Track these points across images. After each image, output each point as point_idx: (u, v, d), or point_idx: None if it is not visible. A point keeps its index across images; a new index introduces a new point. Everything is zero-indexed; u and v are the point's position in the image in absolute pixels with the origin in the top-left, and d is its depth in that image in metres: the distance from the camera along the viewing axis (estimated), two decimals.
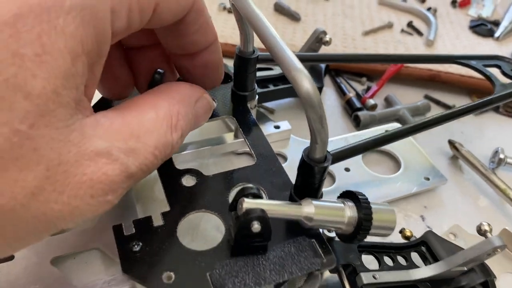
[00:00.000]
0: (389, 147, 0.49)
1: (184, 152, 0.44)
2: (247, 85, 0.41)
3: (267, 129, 0.47)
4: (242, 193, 0.29)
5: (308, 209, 0.30)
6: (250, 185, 0.30)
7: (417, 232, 0.41)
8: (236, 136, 0.46)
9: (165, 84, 0.29)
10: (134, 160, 0.23)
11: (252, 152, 0.37)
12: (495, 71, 0.47)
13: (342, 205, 0.31)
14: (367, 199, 0.31)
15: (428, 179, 0.46)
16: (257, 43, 0.37)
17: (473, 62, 0.46)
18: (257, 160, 0.37)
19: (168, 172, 0.35)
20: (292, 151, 0.47)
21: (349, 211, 0.31)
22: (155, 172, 0.44)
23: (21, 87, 0.18)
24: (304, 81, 0.27)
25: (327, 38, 0.49)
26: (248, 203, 0.28)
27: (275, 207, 0.29)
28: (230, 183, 0.35)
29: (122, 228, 0.31)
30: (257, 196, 0.29)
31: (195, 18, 0.28)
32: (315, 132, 0.29)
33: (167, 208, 0.33)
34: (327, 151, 0.31)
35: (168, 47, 0.31)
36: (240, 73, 0.40)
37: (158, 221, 0.32)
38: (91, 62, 0.21)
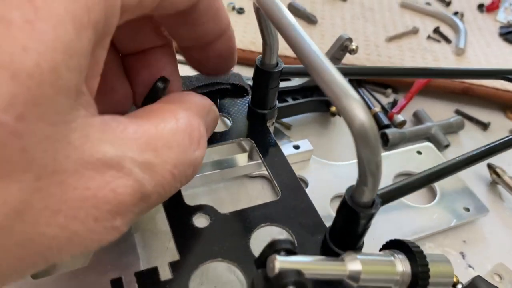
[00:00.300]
0: (422, 169, 0.43)
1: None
2: (267, 102, 0.35)
3: (285, 149, 0.42)
4: (273, 248, 0.23)
5: (353, 266, 0.24)
6: (283, 237, 0.24)
7: (459, 272, 0.36)
8: (250, 158, 0.40)
9: (176, 94, 0.25)
10: (150, 178, 0.18)
11: (275, 183, 0.32)
12: None
13: (392, 258, 0.25)
14: (420, 249, 0.26)
15: (467, 209, 0.41)
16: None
17: None
18: (281, 193, 0.31)
19: (176, 208, 0.29)
20: (313, 174, 0.42)
21: (401, 266, 0.25)
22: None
23: (6, 63, 0.13)
24: (359, 111, 0.21)
25: (353, 46, 0.44)
26: (282, 262, 0.22)
27: (314, 265, 0.24)
28: (251, 224, 0.29)
29: (122, 283, 0.25)
30: (291, 251, 0.23)
31: (209, 4, 0.24)
32: (367, 174, 0.23)
33: (175, 255, 0.27)
34: (377, 195, 0.25)
35: (178, 40, 0.27)
36: (260, 88, 0.35)
37: (166, 274, 0.26)
38: (97, 40, 0.16)
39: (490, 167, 0.44)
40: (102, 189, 0.16)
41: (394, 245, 0.27)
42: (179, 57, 0.32)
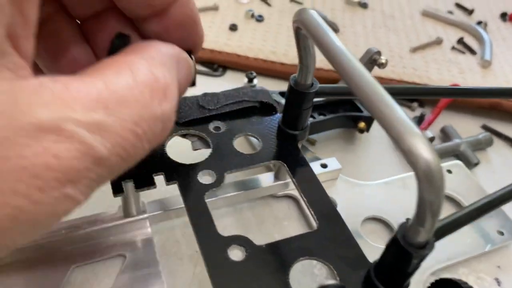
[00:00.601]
0: (452, 190, 0.42)
1: (215, 198, 0.36)
2: (299, 122, 0.34)
3: (312, 167, 0.40)
4: None
5: None
6: (333, 282, 0.22)
7: None
8: (276, 178, 0.39)
9: (137, 44, 0.22)
10: (102, 139, 0.16)
11: (312, 212, 0.30)
12: None
13: None
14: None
15: (502, 233, 0.39)
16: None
17: None
18: (319, 223, 0.29)
19: (210, 239, 0.28)
20: (341, 194, 0.40)
21: None
22: (181, 219, 0.37)
23: None
24: (424, 151, 0.20)
25: (382, 59, 0.42)
26: None
27: None
28: (289, 257, 0.27)
29: None
30: None
31: None
32: (426, 215, 0.21)
33: (207, 280, 0.26)
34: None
35: (127, 9, 0.24)
36: (292, 109, 0.33)
37: None
38: None
39: None
40: (41, 155, 0.14)
41: (444, 285, 0.25)
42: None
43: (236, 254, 0.27)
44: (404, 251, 0.23)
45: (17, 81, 0.15)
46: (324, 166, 0.40)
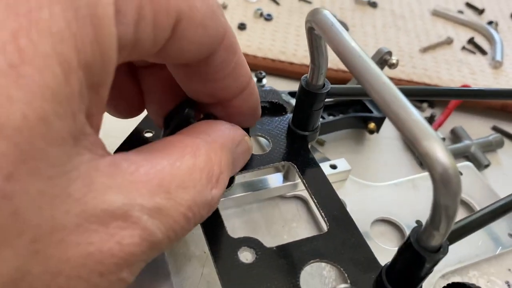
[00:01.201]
0: (463, 194, 0.41)
1: (224, 198, 0.36)
2: (310, 123, 0.33)
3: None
4: None
5: None
6: (345, 285, 0.22)
7: None
8: (286, 179, 0.38)
9: (203, 123, 0.23)
10: (160, 223, 0.17)
11: (322, 214, 0.30)
12: None
13: None
14: None
15: None
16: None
17: None
18: (329, 226, 0.29)
19: (220, 241, 0.27)
20: (351, 195, 0.40)
21: None
22: None
23: None
24: (442, 155, 0.19)
25: (393, 60, 0.42)
26: None
27: None
28: (299, 260, 0.27)
29: None
30: None
31: (226, 59, 0.22)
32: (442, 219, 0.21)
33: (215, 280, 0.25)
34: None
35: (192, 94, 0.24)
36: (303, 109, 0.33)
37: None
38: (93, 79, 0.15)
39: None
40: (107, 242, 0.15)
41: None
42: None
43: (246, 256, 0.27)
44: (417, 255, 0.23)
45: (93, 162, 0.15)
46: (333, 167, 0.40)
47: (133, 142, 0.32)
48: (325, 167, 0.40)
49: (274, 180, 0.39)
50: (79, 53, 0.14)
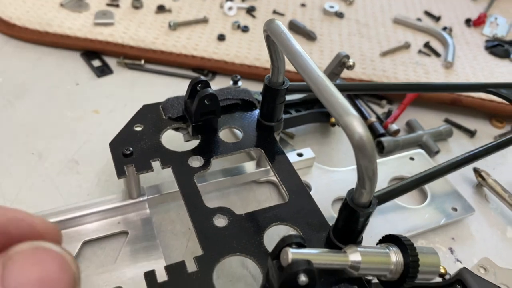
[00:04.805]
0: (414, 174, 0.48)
1: (204, 183, 0.42)
2: (274, 115, 0.40)
3: (290, 157, 0.45)
4: (286, 242, 0.27)
5: (354, 257, 0.28)
6: (294, 233, 0.28)
7: (447, 266, 0.40)
8: (258, 165, 0.45)
9: None
10: None
11: (283, 188, 0.36)
12: None
13: (387, 250, 0.30)
14: (411, 242, 0.30)
15: (455, 209, 0.45)
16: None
17: (503, 91, 0.45)
18: (289, 197, 0.35)
19: (199, 210, 0.33)
20: (315, 179, 0.46)
21: (395, 257, 0.29)
22: (176, 203, 0.42)
23: None
24: (358, 127, 0.25)
25: (350, 62, 0.48)
26: (294, 253, 0.26)
27: (321, 256, 0.28)
28: (264, 223, 0.33)
29: (155, 275, 0.29)
30: (301, 245, 0.28)
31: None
32: (365, 179, 0.27)
33: (196, 252, 0.31)
34: (374, 196, 0.29)
35: None
36: (268, 104, 0.39)
37: (192, 267, 0.30)
38: None
39: (476, 171, 0.49)
40: None
41: (389, 240, 0.31)
42: (162, 68, 0.36)
43: (220, 221, 0.33)
44: (352, 211, 0.29)
45: None
46: (300, 155, 0.46)
47: (125, 135, 0.38)
48: (293, 155, 0.46)
49: (249, 167, 0.45)
50: None
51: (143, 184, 0.40)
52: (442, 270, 0.38)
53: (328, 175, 0.46)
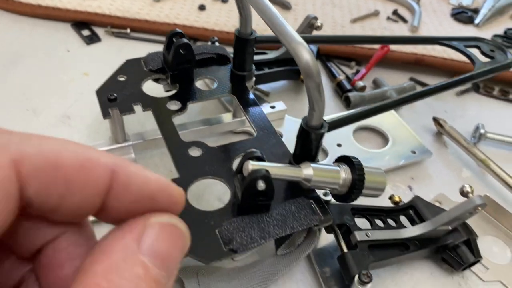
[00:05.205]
0: (378, 124, 0.52)
1: (185, 131, 0.47)
2: (245, 65, 0.44)
3: (264, 109, 0.50)
4: (247, 157, 0.32)
5: (307, 171, 0.33)
6: (254, 149, 0.33)
7: (406, 199, 0.44)
8: (234, 116, 0.49)
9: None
10: None
11: (252, 125, 0.40)
12: (475, 52, 0.50)
13: (338, 168, 0.34)
14: (360, 162, 0.34)
15: (414, 152, 0.49)
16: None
17: (454, 43, 0.49)
18: (257, 133, 0.40)
19: (176, 144, 0.38)
20: (287, 129, 0.50)
21: (344, 173, 0.34)
22: (159, 150, 0.46)
23: None
24: (304, 52, 0.30)
25: (318, 23, 0.52)
26: (254, 164, 0.31)
27: (278, 169, 0.32)
28: (233, 153, 0.38)
29: None
30: (261, 159, 0.32)
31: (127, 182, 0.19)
32: (313, 101, 0.31)
33: (176, 175, 0.36)
34: (324, 119, 0.34)
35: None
36: (239, 54, 0.43)
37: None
38: None
39: (435, 119, 0.53)
40: None
41: (342, 160, 0.35)
42: (146, 36, 0.40)
43: (195, 152, 0.37)
44: (306, 133, 0.33)
45: None
46: (272, 107, 0.51)
47: (110, 84, 0.42)
48: (266, 107, 0.50)
49: (226, 117, 0.49)
50: None
51: (128, 131, 0.44)
52: (397, 199, 0.42)
53: (298, 125, 0.51)
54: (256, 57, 0.53)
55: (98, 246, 0.18)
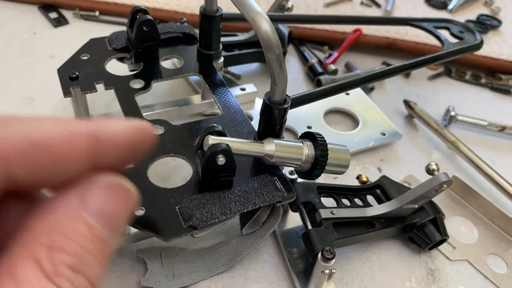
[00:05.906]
0: (349, 107, 0.52)
1: (152, 112, 0.46)
2: (212, 43, 0.43)
3: (234, 91, 0.49)
4: (208, 131, 0.31)
5: (269, 147, 0.32)
6: (215, 124, 0.32)
7: (374, 180, 0.44)
8: (203, 98, 0.48)
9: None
10: None
11: (218, 105, 0.39)
12: (444, 33, 0.50)
13: (301, 144, 0.34)
14: (324, 138, 0.34)
15: (384, 134, 0.49)
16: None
17: (424, 24, 0.49)
18: (223, 111, 0.39)
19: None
20: (257, 111, 0.49)
21: (307, 149, 0.33)
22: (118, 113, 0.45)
23: None
24: (263, 22, 0.29)
25: (289, 5, 0.52)
26: (214, 139, 0.30)
27: (239, 143, 0.31)
28: (197, 131, 0.37)
29: None
30: (222, 134, 0.31)
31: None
32: (274, 74, 0.31)
33: None
34: (287, 95, 0.33)
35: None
36: (205, 32, 0.42)
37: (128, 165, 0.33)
38: None
39: (406, 102, 0.53)
40: None
41: (306, 136, 0.35)
42: (115, 19, 0.39)
43: (157, 130, 0.36)
44: (270, 108, 0.33)
45: None
46: (243, 89, 0.50)
47: (72, 62, 0.41)
48: (236, 90, 0.50)
49: (195, 99, 0.48)
50: None
51: (92, 113, 0.43)
52: (364, 179, 0.42)
53: None
54: (226, 39, 0.52)
55: (42, 204, 0.18)
